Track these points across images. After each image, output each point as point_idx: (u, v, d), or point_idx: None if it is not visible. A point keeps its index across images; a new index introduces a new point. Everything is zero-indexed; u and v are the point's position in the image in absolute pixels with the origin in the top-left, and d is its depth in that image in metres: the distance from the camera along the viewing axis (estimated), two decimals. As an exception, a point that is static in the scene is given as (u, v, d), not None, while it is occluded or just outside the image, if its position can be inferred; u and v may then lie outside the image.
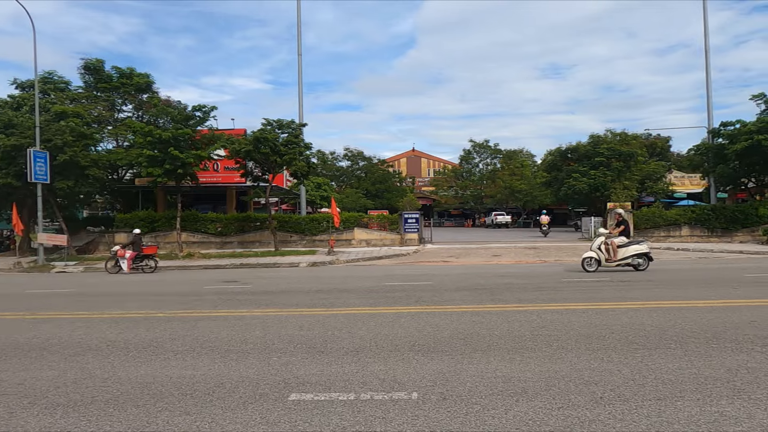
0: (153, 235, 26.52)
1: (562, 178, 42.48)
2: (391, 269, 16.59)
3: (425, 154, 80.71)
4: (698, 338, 6.04)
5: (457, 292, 10.35)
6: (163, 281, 13.96)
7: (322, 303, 9.31)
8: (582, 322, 7.05)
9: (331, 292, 10.89)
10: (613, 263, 13.67)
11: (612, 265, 13.69)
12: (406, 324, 7.19)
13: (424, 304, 8.90)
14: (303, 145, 22.58)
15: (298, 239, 26.77)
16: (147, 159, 22.48)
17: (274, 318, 7.80)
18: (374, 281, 12.85)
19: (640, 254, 13.71)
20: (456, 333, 6.58)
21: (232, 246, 26.42)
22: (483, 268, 16.20)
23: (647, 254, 13.75)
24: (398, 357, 5.49)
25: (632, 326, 6.75)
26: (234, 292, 11.17)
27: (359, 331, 6.79)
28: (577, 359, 5.28)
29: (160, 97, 31.27)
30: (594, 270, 13.61)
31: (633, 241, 14.20)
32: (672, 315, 7.44)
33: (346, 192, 58.06)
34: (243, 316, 8.08)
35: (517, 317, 7.51)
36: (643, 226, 27.36)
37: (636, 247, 13.81)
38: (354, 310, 8.51)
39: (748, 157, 25.10)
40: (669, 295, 9.31)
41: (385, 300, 9.49)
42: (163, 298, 10.31)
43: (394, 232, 27.37)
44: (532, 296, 9.54)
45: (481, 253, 22.19)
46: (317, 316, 7.97)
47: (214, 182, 29.59)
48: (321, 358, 5.50)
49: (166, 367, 5.34)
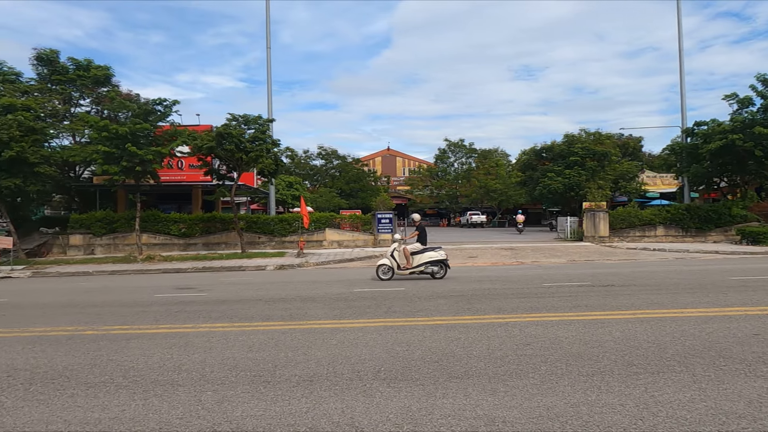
0: (112, 237, 25.01)
1: (537, 177, 42.32)
2: (363, 273, 15.67)
3: (400, 153, 79.93)
4: (703, 358, 5.30)
5: (431, 300, 9.50)
6: (110, 288, 12.73)
7: (281, 315, 8.32)
8: (570, 338, 6.26)
9: (293, 300, 9.90)
10: (407, 271, 12.90)
11: (405, 272, 12.93)
12: (372, 342, 6.28)
13: (394, 315, 8.00)
14: (270, 141, 21.43)
15: (267, 240, 25.59)
16: (102, 156, 21.00)
17: (221, 336, 6.79)
18: (343, 287, 11.91)
19: (436, 261, 12.95)
20: (429, 353, 5.70)
21: (197, 248, 25.09)
22: (459, 271, 15.42)
23: (443, 261, 13.00)
24: (359, 388, 4.58)
25: (626, 342, 5.99)
26: (186, 301, 10.08)
27: (317, 352, 5.85)
28: (570, 389, 4.45)
29: (120, 91, 29.62)
30: (388, 278, 12.86)
31: (428, 248, 13.30)
32: (667, 327, 6.72)
33: (320, 191, 56.84)
34: (186, 333, 7.04)
35: (497, 331, 6.68)
36: (618, 225, 27.09)
37: (431, 254, 13.02)
38: (315, 323, 7.56)
39: (722, 157, 25.02)
40: (658, 302, 8.64)
41: (351, 311, 8.56)
42: (103, 310, 9.15)
43: (367, 232, 26.45)
44: (512, 304, 8.74)
45: (457, 255, 21.45)
46: (272, 332, 6.99)
47: (179, 181, 28.13)
48: (266, 392, 4.54)
49: (68, 407, 4.30)
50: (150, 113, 22.10)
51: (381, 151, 79.34)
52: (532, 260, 18.64)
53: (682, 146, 28.50)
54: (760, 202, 28.04)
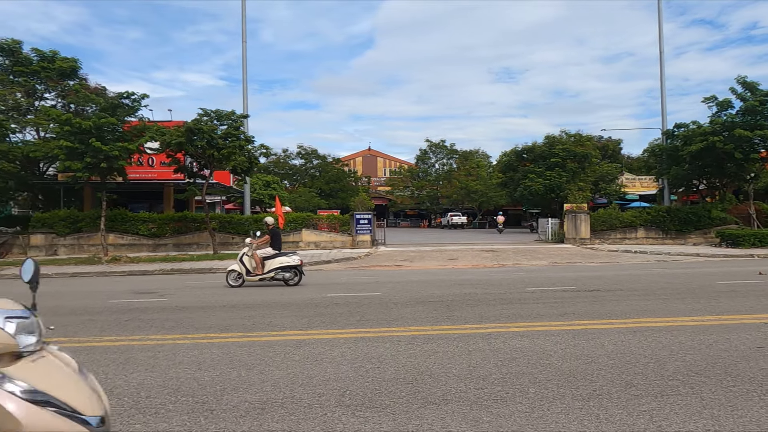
0: (76, 237, 23.80)
1: (518, 178, 42.13)
2: (338, 275, 14.96)
3: (381, 154, 79.25)
4: (708, 376, 4.74)
5: (408, 306, 8.84)
6: (62, 293, 11.77)
7: (242, 324, 7.57)
8: (560, 351, 5.66)
9: (260, 306, 9.15)
10: (257, 277, 12.29)
11: (255, 279, 12.32)
12: (340, 357, 5.59)
13: (367, 325, 7.32)
14: (244, 138, 20.55)
15: (240, 241, 24.61)
16: (65, 151, 19.89)
17: (170, 350, 6.02)
18: (315, 291, 11.19)
19: (289, 267, 12.33)
20: (403, 371, 5.04)
21: (167, 249, 24.04)
22: (439, 273, 14.82)
23: (297, 267, 12.37)
24: (319, 419, 3.88)
25: (621, 356, 5.42)
26: (142, 308, 9.24)
27: (275, 371, 5.13)
28: (565, 418, 3.83)
29: (89, 84, 28.35)
30: (238, 285, 12.22)
31: (281, 253, 12.68)
32: (663, 338, 6.17)
33: (299, 191, 55.86)
34: (131, 346, 6.25)
35: (479, 344, 6.05)
36: (599, 227, 26.87)
37: (283, 259, 12.41)
38: (279, 335, 6.83)
39: (702, 159, 24.95)
40: (648, 309, 8.13)
41: (320, 319, 7.85)
42: (44, 319, 8.26)
43: (345, 233, 25.72)
44: (495, 312, 8.14)
45: (437, 257, 20.88)
46: (229, 345, 6.24)
47: (149, 179, 27.04)
48: (206, 425, 3.81)
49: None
50: (117, 107, 21.06)
51: (362, 151, 78.55)
52: (513, 262, 18.16)
53: (663, 148, 28.43)
54: (738, 205, 28.13)
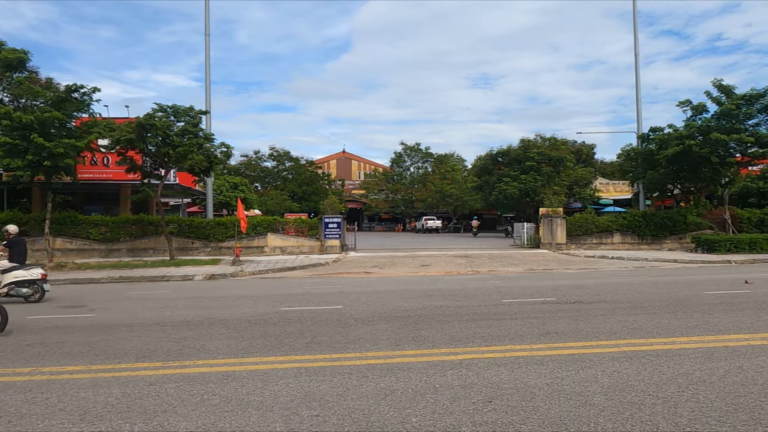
0: (20, 241, 21.93)
1: (493, 182, 41.46)
2: (300, 284, 13.74)
3: (356, 156, 78.03)
4: (734, 426, 3.74)
5: (370, 323, 7.72)
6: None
7: (167, 349, 6.32)
8: (545, 388, 4.61)
9: (199, 325, 7.89)
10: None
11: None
12: (272, 398, 4.42)
13: (317, 350, 6.16)
14: (203, 135, 19.13)
15: (202, 246, 23.16)
16: (4, 148, 18.16)
17: (59, 389, 4.75)
18: (270, 304, 9.97)
19: (25, 282, 10.67)
20: (348, 421, 3.90)
21: (120, 254, 22.39)
22: (409, 282, 13.74)
23: (37, 281, 10.75)
24: None
25: (620, 394, 4.40)
26: (60, 326, 7.89)
27: (183, 422, 3.93)
28: (561, 504, 2.76)
29: (39, 78, 26.44)
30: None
31: (19, 266, 10.94)
32: (665, 368, 5.19)
33: (271, 194, 54.26)
34: (11, 383, 4.94)
35: (448, 378, 4.96)
36: (575, 232, 26.25)
37: (19, 272, 10.70)
38: (206, 364, 5.62)
39: (678, 163, 24.56)
40: (639, 326, 7.18)
41: (264, 342, 6.65)
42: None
43: (313, 238, 24.45)
44: (468, 331, 7.07)
45: (409, 263, 19.82)
46: (138, 381, 5.00)
47: (105, 179, 25.26)
48: None
49: None
50: (64, 101, 19.38)
51: (336, 153, 77.19)
52: (488, 269, 17.23)
53: (638, 152, 28.03)
54: (713, 210, 27.88)
